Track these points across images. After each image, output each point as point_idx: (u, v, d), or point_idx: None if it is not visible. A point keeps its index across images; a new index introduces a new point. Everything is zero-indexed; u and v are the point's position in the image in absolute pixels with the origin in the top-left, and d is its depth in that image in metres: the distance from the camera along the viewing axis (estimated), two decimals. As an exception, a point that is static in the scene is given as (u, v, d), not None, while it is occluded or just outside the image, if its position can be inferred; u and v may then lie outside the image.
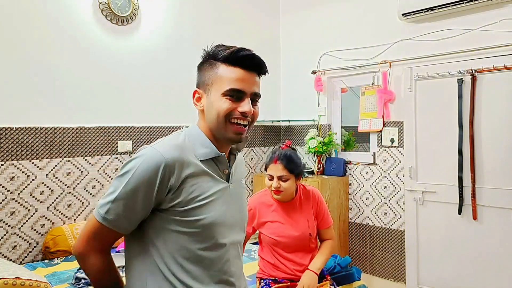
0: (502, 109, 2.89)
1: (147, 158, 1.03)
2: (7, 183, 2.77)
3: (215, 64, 1.11)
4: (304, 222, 2.09)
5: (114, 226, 1.04)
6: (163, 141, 1.09)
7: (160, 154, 1.03)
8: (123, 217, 1.04)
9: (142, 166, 1.02)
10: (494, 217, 2.92)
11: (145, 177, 1.01)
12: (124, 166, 1.05)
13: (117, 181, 1.04)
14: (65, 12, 3.00)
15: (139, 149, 1.09)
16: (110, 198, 1.03)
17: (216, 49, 1.11)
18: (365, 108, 3.65)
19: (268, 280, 2.11)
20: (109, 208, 1.03)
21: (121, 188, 1.02)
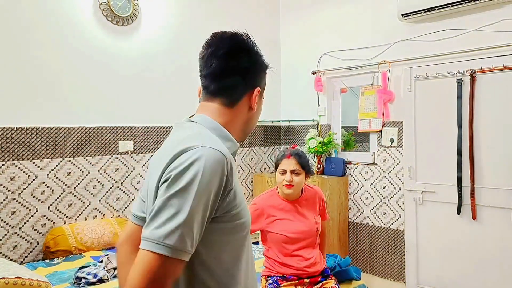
0: (501, 109, 2.90)
1: (208, 159, 0.86)
2: (8, 183, 2.77)
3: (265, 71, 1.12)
4: (311, 218, 2.18)
5: (185, 256, 0.83)
6: (203, 138, 0.93)
7: (218, 152, 0.88)
8: (195, 240, 0.84)
9: (207, 171, 0.85)
10: (493, 217, 2.93)
11: (213, 181, 0.85)
12: (180, 179, 0.84)
13: (177, 198, 0.83)
14: (65, 12, 3.00)
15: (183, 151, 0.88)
16: (177, 221, 0.81)
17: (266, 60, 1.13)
18: (364, 108, 3.66)
19: (276, 277, 2.14)
20: (181, 234, 0.81)
21: (190, 205, 0.82)
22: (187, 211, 0.82)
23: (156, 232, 0.81)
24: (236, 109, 1.04)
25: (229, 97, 1.03)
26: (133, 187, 3.39)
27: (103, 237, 2.99)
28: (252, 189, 4.23)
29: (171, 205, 0.83)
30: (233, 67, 1.03)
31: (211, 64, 1.03)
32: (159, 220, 0.82)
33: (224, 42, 1.05)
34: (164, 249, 0.80)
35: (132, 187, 3.38)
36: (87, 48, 3.12)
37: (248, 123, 1.09)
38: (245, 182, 4.18)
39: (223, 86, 1.03)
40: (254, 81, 1.07)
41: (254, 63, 1.07)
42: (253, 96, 1.06)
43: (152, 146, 3.50)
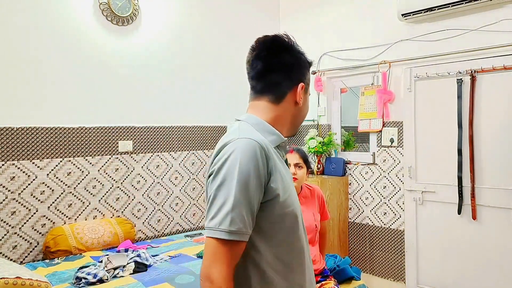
0: (502, 109, 2.90)
1: (243, 148, 0.97)
2: (8, 183, 2.78)
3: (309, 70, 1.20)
4: (310, 215, 2.23)
5: (242, 236, 0.95)
6: (240, 131, 1.04)
7: (251, 139, 0.99)
8: (247, 222, 0.96)
9: (243, 158, 0.96)
10: (494, 217, 2.93)
11: (250, 166, 0.95)
12: (222, 171, 0.97)
13: (223, 189, 0.96)
14: (65, 12, 3.01)
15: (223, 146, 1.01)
16: (227, 209, 0.94)
17: (310, 58, 1.20)
18: (364, 108, 3.66)
19: None
20: (232, 218, 0.93)
21: (234, 193, 0.94)
22: (233, 198, 0.94)
23: (212, 221, 0.95)
24: (282, 105, 1.12)
25: (275, 94, 1.12)
26: (133, 187, 3.39)
27: (103, 237, 2.99)
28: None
29: (219, 196, 0.96)
30: (275, 64, 1.11)
31: (256, 65, 1.12)
32: (212, 211, 0.96)
33: (266, 44, 1.14)
34: (220, 233, 0.94)
35: (132, 187, 3.38)
36: (87, 48, 3.12)
37: (297, 117, 1.16)
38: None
39: (268, 83, 1.12)
40: (297, 76, 1.13)
41: (295, 60, 1.14)
42: (297, 91, 1.12)
43: (152, 146, 3.50)
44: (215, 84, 3.89)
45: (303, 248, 1.10)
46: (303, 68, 1.16)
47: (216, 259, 0.94)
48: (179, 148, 3.68)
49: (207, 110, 3.85)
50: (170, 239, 3.34)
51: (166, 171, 3.59)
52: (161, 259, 2.77)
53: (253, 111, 1.13)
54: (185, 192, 3.73)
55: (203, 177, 3.86)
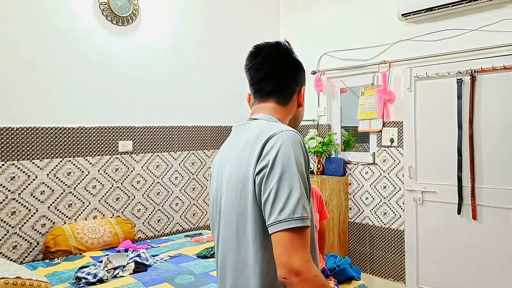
0: (501, 109, 2.90)
1: (292, 139, 1.00)
2: (8, 183, 2.78)
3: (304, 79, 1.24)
4: None
5: (310, 221, 0.97)
6: (277, 125, 1.06)
7: (294, 132, 1.03)
8: (310, 207, 0.99)
9: (295, 148, 0.98)
10: (494, 217, 2.93)
11: (301, 155, 1.00)
12: (278, 162, 0.96)
13: (286, 178, 0.95)
14: (65, 12, 3.01)
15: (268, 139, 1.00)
16: (296, 196, 0.93)
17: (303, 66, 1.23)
18: (363, 108, 3.66)
19: None
20: (302, 205, 0.94)
21: (297, 179, 0.95)
22: (298, 185, 0.95)
23: (283, 213, 0.92)
24: (288, 106, 1.17)
25: (284, 95, 1.16)
26: (133, 187, 3.39)
27: (103, 237, 2.99)
28: (252, 189, 4.22)
29: (283, 186, 0.94)
30: (285, 66, 1.15)
31: (264, 68, 1.14)
32: (279, 203, 0.93)
33: (273, 48, 1.16)
34: (295, 222, 0.92)
35: (132, 187, 3.38)
36: (87, 48, 3.12)
37: (296, 119, 1.22)
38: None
39: (279, 85, 1.15)
40: (301, 79, 1.20)
41: (299, 64, 1.20)
42: (301, 93, 1.18)
43: (152, 146, 3.50)
44: (215, 84, 3.89)
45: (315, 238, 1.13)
46: (303, 72, 1.21)
47: (296, 250, 0.91)
48: (179, 148, 3.68)
49: (207, 110, 3.85)
50: (170, 239, 3.34)
51: (166, 171, 3.59)
52: (161, 259, 2.77)
53: (263, 111, 1.14)
54: (185, 192, 3.73)
55: (203, 177, 3.86)
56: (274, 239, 0.93)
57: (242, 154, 1.04)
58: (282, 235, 0.92)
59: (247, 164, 1.02)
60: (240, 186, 1.04)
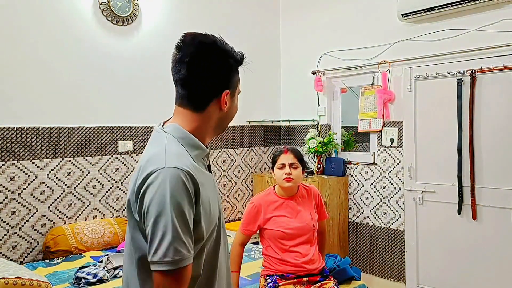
0: (502, 109, 2.90)
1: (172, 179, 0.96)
2: (8, 183, 2.78)
3: (236, 67, 1.13)
4: (307, 215, 2.23)
5: (187, 261, 0.96)
6: (166, 155, 1.00)
7: (178, 169, 0.97)
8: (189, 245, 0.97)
9: (174, 189, 0.95)
10: (494, 217, 2.93)
11: (182, 195, 0.96)
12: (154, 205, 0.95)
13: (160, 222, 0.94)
14: (65, 12, 3.01)
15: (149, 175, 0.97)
16: (168, 240, 0.93)
17: (237, 53, 1.12)
18: (364, 108, 3.66)
19: (275, 276, 2.17)
20: (174, 248, 0.93)
21: (171, 223, 0.94)
22: (171, 229, 0.93)
23: (156, 255, 0.94)
24: (205, 113, 1.09)
25: (197, 104, 1.07)
26: (133, 187, 3.38)
27: (103, 237, 2.99)
28: (252, 189, 4.23)
29: (157, 229, 0.94)
30: (200, 72, 1.05)
31: (179, 70, 1.06)
32: (154, 244, 0.94)
33: (191, 48, 1.06)
34: (165, 265, 0.93)
35: (132, 187, 3.38)
36: (87, 48, 3.12)
37: (222, 121, 1.14)
38: (245, 182, 4.18)
39: (190, 94, 1.07)
40: (223, 83, 1.08)
41: (222, 66, 1.08)
42: (222, 99, 1.08)
43: (152, 146, 3.49)
44: (215, 84, 3.89)
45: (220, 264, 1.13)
46: (229, 72, 1.09)
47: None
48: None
49: (207, 110, 3.85)
50: (170, 239, 3.33)
51: (166, 171, 3.58)
52: (161, 259, 2.76)
53: (177, 119, 1.09)
54: (185, 192, 3.72)
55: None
56: (153, 276, 0.96)
57: (135, 177, 1.02)
58: (156, 275, 0.95)
59: (132, 190, 1.01)
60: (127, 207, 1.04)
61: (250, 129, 4.22)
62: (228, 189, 4.04)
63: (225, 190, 4.02)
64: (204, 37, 1.08)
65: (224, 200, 4.02)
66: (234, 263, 2.14)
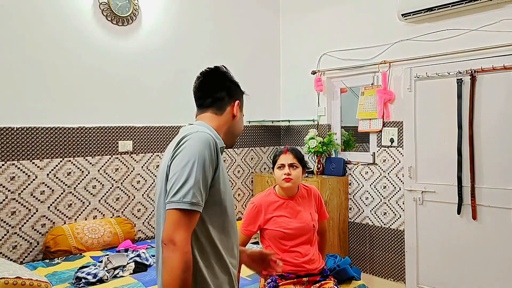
0: (502, 109, 2.90)
1: (201, 138, 1.22)
2: (8, 183, 2.78)
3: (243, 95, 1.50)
4: (307, 215, 2.23)
5: (199, 207, 1.17)
6: (198, 127, 1.30)
7: (206, 133, 1.25)
8: (204, 196, 1.19)
9: (201, 146, 1.20)
10: (494, 217, 2.93)
11: (206, 153, 1.20)
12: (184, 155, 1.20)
13: (185, 169, 1.17)
14: (65, 12, 3.01)
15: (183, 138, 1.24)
16: (189, 185, 1.15)
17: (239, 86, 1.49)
18: (363, 108, 3.66)
19: (275, 276, 2.16)
20: (193, 193, 1.15)
21: (195, 172, 1.17)
22: (194, 176, 1.17)
23: (176, 196, 1.16)
24: (223, 116, 1.42)
25: (218, 106, 1.41)
26: (132, 187, 3.39)
27: (103, 237, 2.99)
28: (252, 189, 4.23)
29: (182, 174, 1.17)
30: (219, 85, 1.42)
31: (204, 87, 1.42)
32: (176, 187, 1.17)
33: (211, 72, 1.44)
34: (184, 204, 1.15)
35: (132, 187, 3.38)
36: (87, 48, 3.12)
37: (233, 128, 1.44)
38: (245, 182, 4.18)
39: (214, 99, 1.41)
40: (234, 95, 1.44)
41: (233, 83, 1.46)
42: (234, 106, 1.43)
43: (152, 146, 3.50)
44: (215, 84, 3.88)
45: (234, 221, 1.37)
46: (238, 90, 1.47)
47: (180, 227, 1.14)
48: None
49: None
50: (170, 239, 3.33)
51: (166, 171, 3.58)
52: (161, 259, 2.76)
53: (201, 119, 1.40)
54: (185, 192, 3.72)
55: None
56: (167, 214, 1.17)
57: (170, 147, 1.29)
58: (172, 212, 1.15)
59: (168, 154, 1.26)
60: (161, 172, 1.28)
61: (250, 129, 4.22)
62: (228, 189, 4.04)
63: (225, 190, 4.01)
64: (217, 67, 1.46)
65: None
66: None
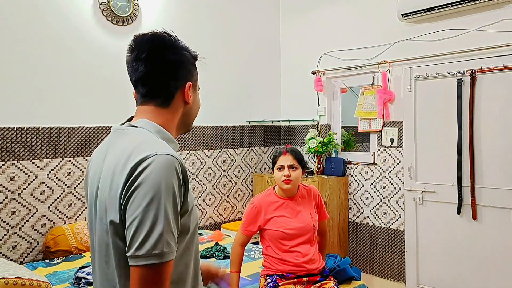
0: (501, 109, 2.90)
1: (165, 167, 0.91)
2: (8, 183, 2.78)
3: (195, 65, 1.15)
4: (307, 215, 2.23)
5: (174, 254, 0.91)
6: (153, 143, 0.96)
7: (171, 156, 0.93)
8: (176, 238, 0.92)
9: (167, 177, 0.90)
10: (494, 217, 2.93)
11: (174, 184, 0.91)
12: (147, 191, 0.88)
13: (151, 210, 0.87)
14: (65, 12, 3.00)
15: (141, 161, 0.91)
16: (159, 230, 0.87)
17: (194, 52, 1.15)
18: (362, 108, 3.66)
19: (275, 276, 2.17)
20: (165, 239, 0.87)
21: (163, 212, 0.88)
22: (163, 217, 0.87)
23: (143, 248, 0.86)
24: (171, 107, 1.07)
25: (162, 97, 1.06)
26: (133, 187, 3.38)
27: (103, 237, 2.98)
28: (252, 189, 4.23)
29: (146, 218, 0.86)
30: (158, 67, 1.04)
31: (137, 69, 1.04)
32: (141, 235, 0.86)
33: (145, 44, 1.04)
34: (155, 258, 0.86)
35: (132, 187, 3.38)
36: (87, 48, 3.12)
37: (188, 116, 1.12)
38: (245, 182, 4.18)
39: (153, 89, 1.05)
40: (183, 76, 1.07)
41: (179, 58, 1.07)
42: (185, 91, 1.08)
43: (152, 146, 3.49)
44: (215, 84, 3.89)
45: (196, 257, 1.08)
46: (188, 65, 1.09)
47: (161, 284, 0.87)
48: (179, 148, 3.67)
49: (207, 110, 3.85)
50: (170, 239, 3.34)
51: (166, 171, 3.58)
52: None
53: (145, 116, 1.07)
54: (185, 192, 3.72)
55: (203, 177, 3.85)
56: (132, 272, 0.87)
57: (114, 170, 0.95)
58: (139, 270, 0.86)
59: (116, 184, 0.92)
60: (104, 204, 0.95)
61: (250, 129, 4.22)
62: (228, 189, 4.04)
63: (225, 190, 4.02)
64: (155, 33, 1.07)
65: (224, 200, 4.02)
66: (234, 263, 2.14)
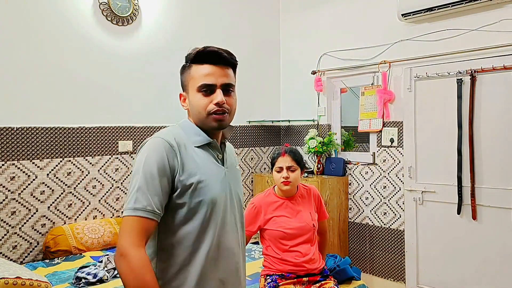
0: (502, 109, 2.90)
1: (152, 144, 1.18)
2: (8, 183, 2.78)
3: (189, 66, 1.29)
4: (307, 214, 2.24)
5: (147, 214, 1.12)
6: (160, 132, 1.25)
7: (159, 138, 1.19)
8: (153, 202, 1.13)
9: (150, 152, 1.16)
10: (493, 217, 2.93)
11: (155, 158, 1.15)
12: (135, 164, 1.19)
13: (134, 177, 1.16)
14: (65, 12, 3.00)
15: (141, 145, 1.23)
16: (133, 190, 1.13)
17: (188, 53, 1.30)
18: (364, 108, 3.66)
19: (275, 276, 2.17)
20: (136, 198, 1.12)
21: (139, 178, 1.13)
22: (138, 183, 1.13)
23: (125, 204, 1.15)
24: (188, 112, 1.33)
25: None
26: (133, 187, 3.38)
27: (103, 237, 2.99)
28: (252, 189, 4.23)
29: (131, 182, 1.16)
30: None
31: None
32: (128, 195, 1.16)
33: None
34: (128, 211, 1.12)
35: (132, 187, 3.38)
36: (87, 48, 3.11)
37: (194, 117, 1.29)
38: (245, 182, 4.18)
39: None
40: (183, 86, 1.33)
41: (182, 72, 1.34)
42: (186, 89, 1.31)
43: (152, 146, 3.49)
44: (215, 84, 3.88)
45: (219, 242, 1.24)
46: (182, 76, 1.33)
47: (125, 232, 1.10)
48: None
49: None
50: (170, 239, 3.33)
51: (166, 171, 3.58)
52: (161, 259, 2.76)
53: (188, 115, 1.34)
54: (185, 192, 3.72)
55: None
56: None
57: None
58: (122, 218, 1.14)
59: None
60: None
61: (250, 129, 4.22)
62: (228, 189, 4.04)
63: (225, 190, 4.01)
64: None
65: (224, 200, 4.01)
66: None
